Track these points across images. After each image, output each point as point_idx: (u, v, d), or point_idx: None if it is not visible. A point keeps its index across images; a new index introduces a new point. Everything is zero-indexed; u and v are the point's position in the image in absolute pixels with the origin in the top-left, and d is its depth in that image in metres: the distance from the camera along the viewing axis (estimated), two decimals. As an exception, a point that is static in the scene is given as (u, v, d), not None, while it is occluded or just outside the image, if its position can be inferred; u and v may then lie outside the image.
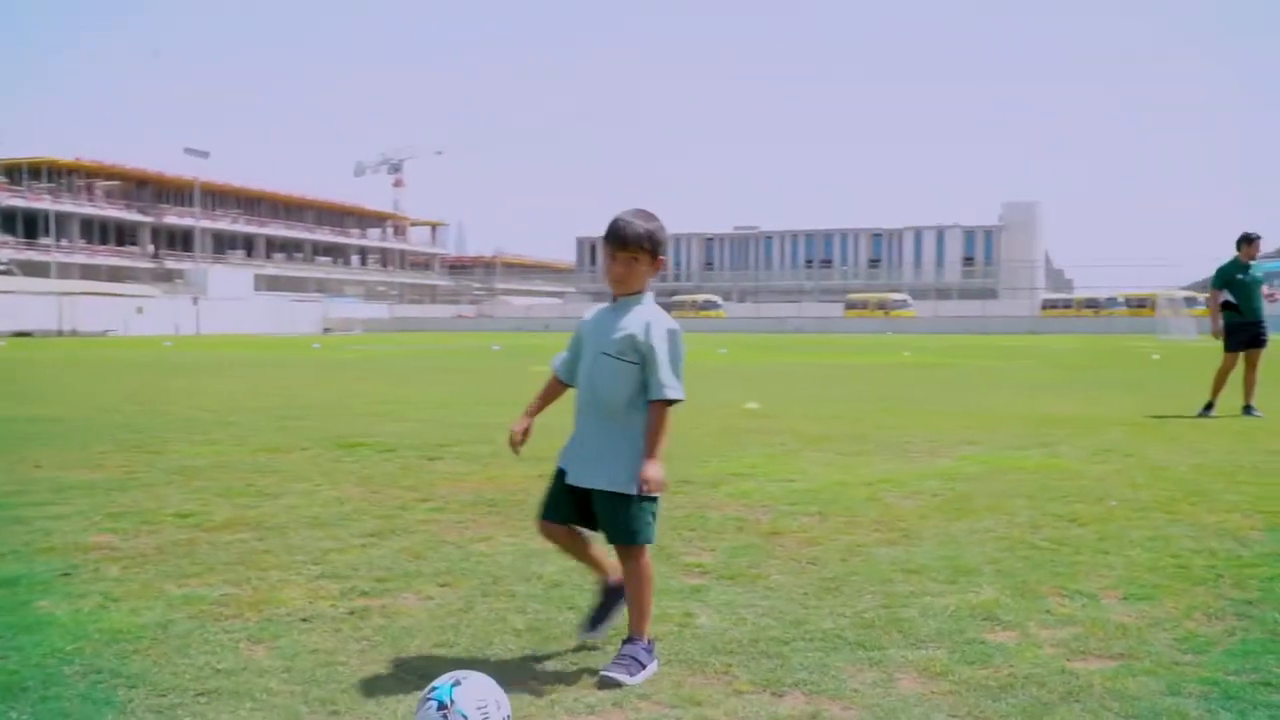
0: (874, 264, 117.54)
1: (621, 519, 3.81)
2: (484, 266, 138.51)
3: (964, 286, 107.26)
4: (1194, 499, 7.00)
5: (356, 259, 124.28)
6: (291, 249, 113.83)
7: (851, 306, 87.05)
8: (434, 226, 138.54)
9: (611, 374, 3.81)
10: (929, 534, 5.99)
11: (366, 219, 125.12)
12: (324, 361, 29.03)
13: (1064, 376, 20.94)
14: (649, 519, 3.84)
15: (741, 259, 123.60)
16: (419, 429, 11.25)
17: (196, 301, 77.53)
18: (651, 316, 3.85)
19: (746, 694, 3.55)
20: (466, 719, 2.95)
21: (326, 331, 78.25)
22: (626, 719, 3.38)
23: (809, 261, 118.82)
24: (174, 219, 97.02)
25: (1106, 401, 14.70)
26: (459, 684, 3.03)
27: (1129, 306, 76.38)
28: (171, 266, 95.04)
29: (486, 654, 3.96)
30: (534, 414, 4.14)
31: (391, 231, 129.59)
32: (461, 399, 15.35)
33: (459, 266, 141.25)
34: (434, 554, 5.54)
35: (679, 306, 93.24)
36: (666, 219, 3.91)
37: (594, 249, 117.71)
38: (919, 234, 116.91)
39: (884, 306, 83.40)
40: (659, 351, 3.78)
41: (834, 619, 4.36)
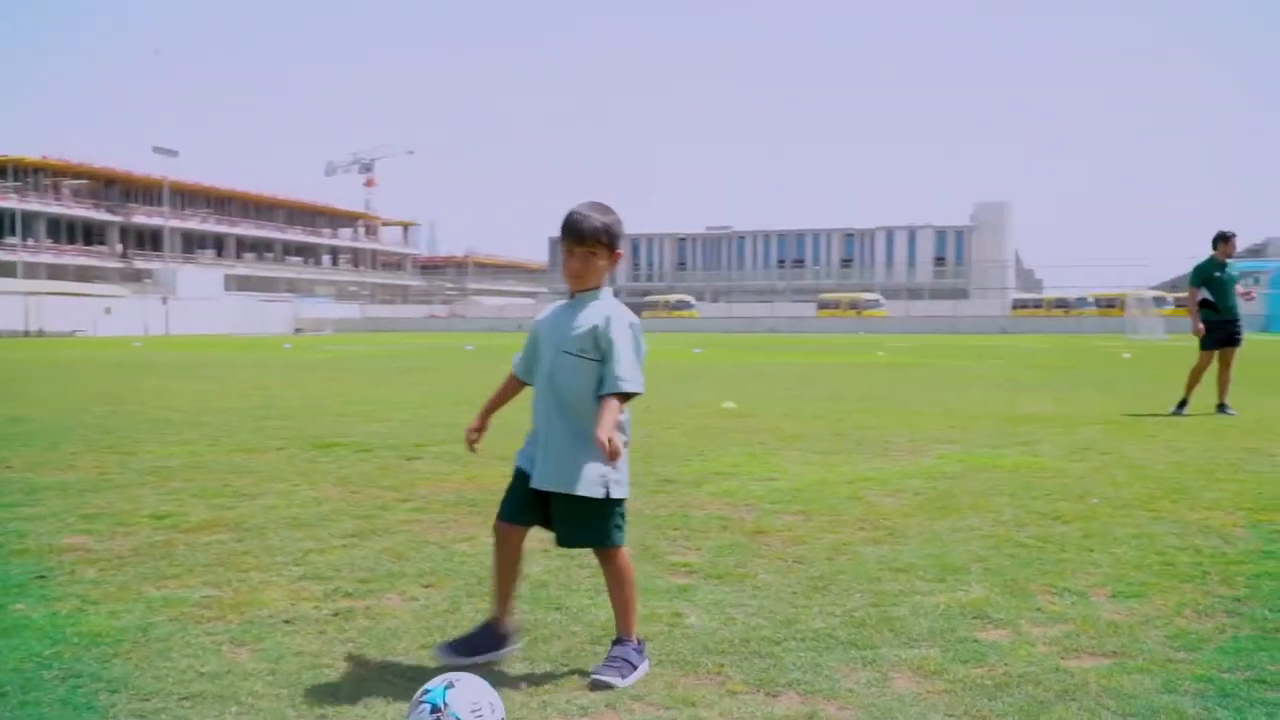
0: (846, 264, 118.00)
1: (594, 523, 3.73)
2: (456, 267, 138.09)
3: (935, 286, 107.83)
4: (1175, 496, 7.01)
5: (328, 259, 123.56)
6: (262, 249, 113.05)
7: (824, 306, 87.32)
8: (406, 226, 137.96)
9: (574, 372, 3.72)
10: (914, 532, 5.97)
11: (338, 219, 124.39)
12: (296, 362, 28.81)
13: (1037, 376, 21.02)
14: (620, 521, 3.77)
15: (714, 259, 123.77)
16: (396, 429, 11.16)
17: (166, 302, 76.93)
18: (611, 311, 3.76)
19: (740, 694, 3.51)
20: (460, 722, 2.90)
21: (298, 332, 77.76)
22: (620, 721, 3.34)
23: (781, 261, 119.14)
24: (143, 218, 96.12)
25: (1080, 400, 14.76)
26: (452, 686, 2.97)
27: (1098, 306, 76.97)
28: (140, 266, 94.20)
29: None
30: (490, 412, 4.09)
31: (363, 231, 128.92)
32: (437, 399, 15.25)
33: (431, 267, 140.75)
34: (417, 554, 5.47)
35: (652, 306, 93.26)
36: (639, 219, 3.89)
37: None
38: (891, 234, 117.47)
39: (856, 306, 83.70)
40: (619, 344, 3.68)
41: (824, 618, 4.32)
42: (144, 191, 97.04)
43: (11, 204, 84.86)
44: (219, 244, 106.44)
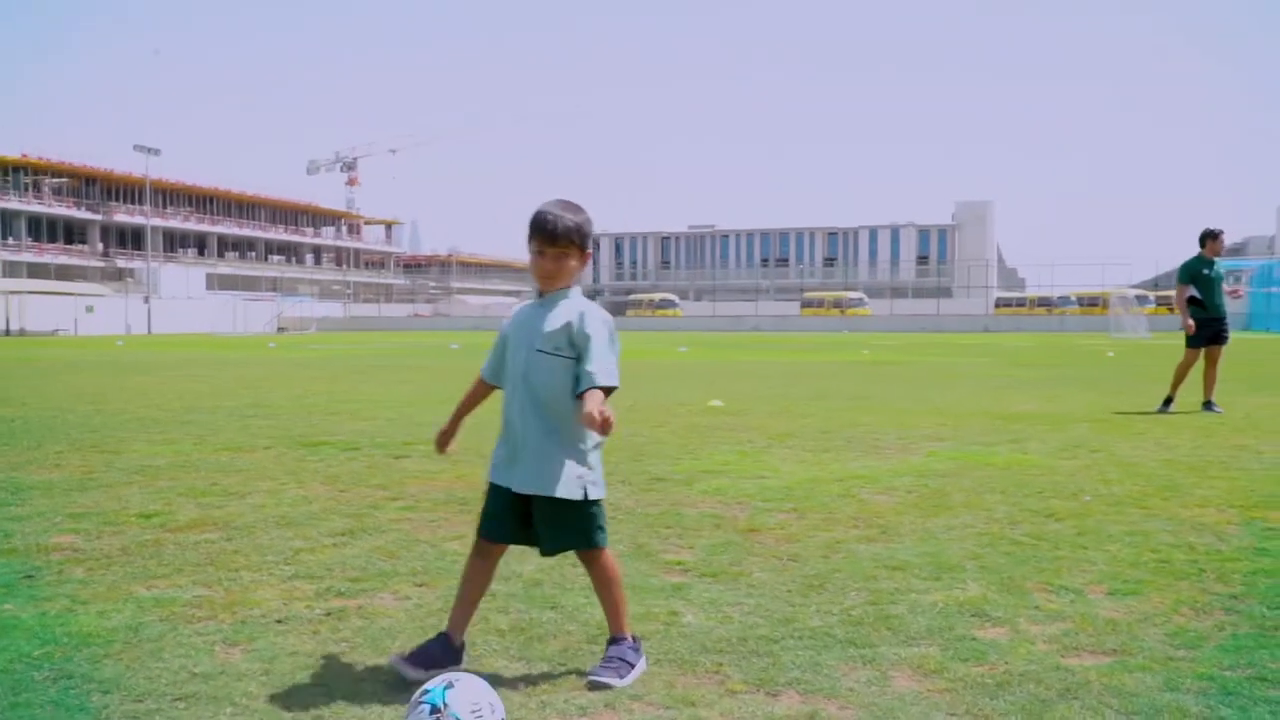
0: (829, 263, 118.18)
1: (574, 525, 3.67)
2: (440, 265, 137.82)
3: (918, 285, 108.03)
4: (1167, 494, 7.01)
5: (311, 258, 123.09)
6: (244, 248, 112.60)
7: (808, 305, 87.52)
8: (389, 225, 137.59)
9: (548, 371, 3.64)
10: (907, 530, 5.95)
11: (320, 217, 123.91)
12: (281, 361, 28.68)
13: (1023, 374, 21.06)
14: (600, 522, 3.71)
15: (697, 258, 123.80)
16: (383, 427, 11.10)
17: (148, 301, 76.58)
18: (584, 308, 3.70)
19: (740, 694, 3.48)
20: (460, 723, 2.86)
21: (281, 331, 77.47)
22: (620, 721, 3.31)
23: (765, 260, 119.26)
24: (124, 217, 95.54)
25: (1067, 398, 14.78)
26: (452, 686, 2.93)
27: (1081, 305, 77.34)
28: (122, 265, 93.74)
29: (471, 655, 3.85)
30: (461, 416, 4.05)
31: (346, 230, 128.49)
32: (424, 397, 15.18)
33: (414, 266, 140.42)
34: (408, 553, 5.43)
35: (635, 305, 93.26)
36: (622, 218, 3.86)
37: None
38: (874, 233, 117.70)
39: (840, 305, 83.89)
40: (595, 340, 3.62)
41: (821, 617, 4.29)
42: (125, 190, 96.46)
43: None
44: (201, 243, 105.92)
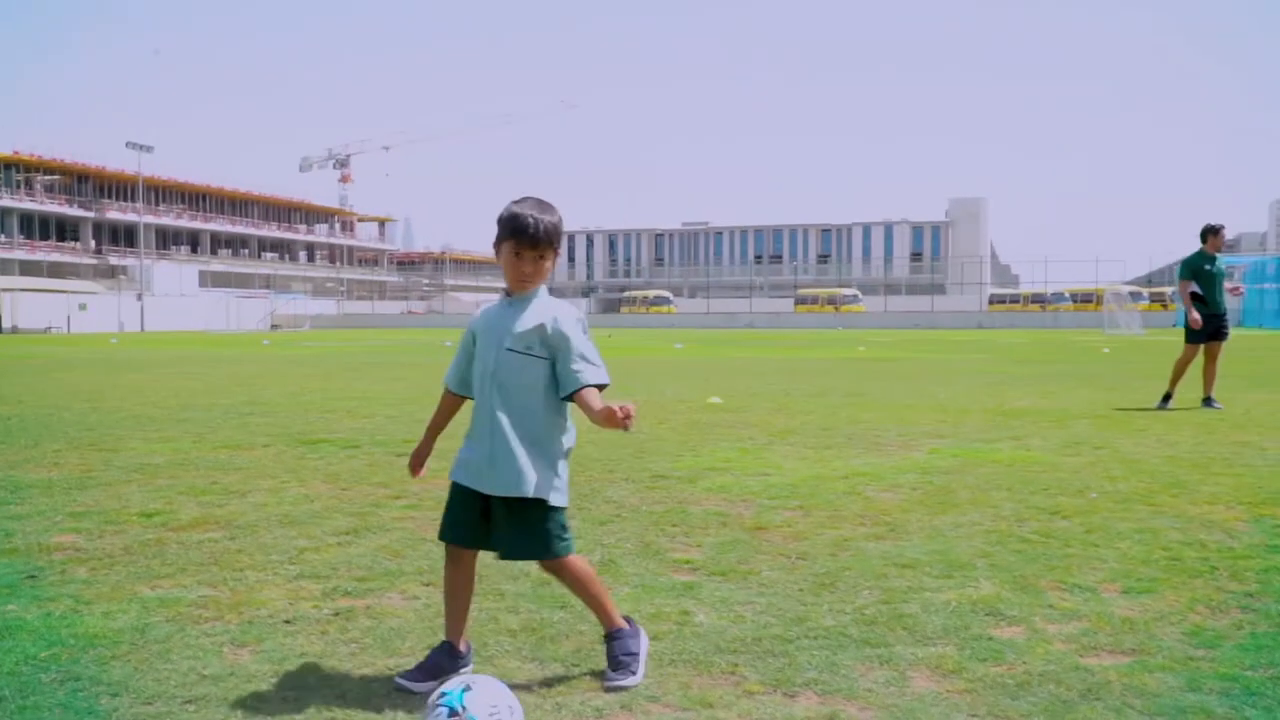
0: (823, 259, 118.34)
1: (535, 531, 3.55)
2: (433, 263, 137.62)
3: (912, 282, 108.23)
4: (1173, 491, 6.98)
5: (304, 255, 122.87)
6: (237, 245, 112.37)
7: (802, 302, 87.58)
8: (382, 222, 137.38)
9: (519, 370, 3.56)
10: (915, 528, 5.91)
11: (314, 215, 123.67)
12: (275, 358, 28.60)
13: (1019, 370, 21.04)
14: (562, 531, 3.60)
15: (691, 255, 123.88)
16: (382, 425, 11.04)
17: (141, 298, 76.43)
18: (557, 308, 3.63)
19: (758, 695, 3.44)
20: (478, 725, 2.82)
21: (274, 328, 77.37)
22: (637, 722, 3.27)
23: (759, 257, 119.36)
24: (117, 214, 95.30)
25: (1065, 394, 14.76)
26: (469, 688, 2.89)
27: (1075, 301, 77.43)
28: (115, 262, 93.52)
29: (482, 656, 3.81)
30: (437, 433, 3.96)
31: (339, 227, 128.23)
32: (421, 394, 15.11)
33: (408, 263, 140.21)
34: (413, 552, 5.38)
35: (629, 302, 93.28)
36: (616, 215, 3.77)
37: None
38: (868, 229, 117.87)
39: (834, 301, 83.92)
40: (574, 340, 3.56)
41: (835, 616, 4.25)
42: (118, 187, 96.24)
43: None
44: (194, 240, 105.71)
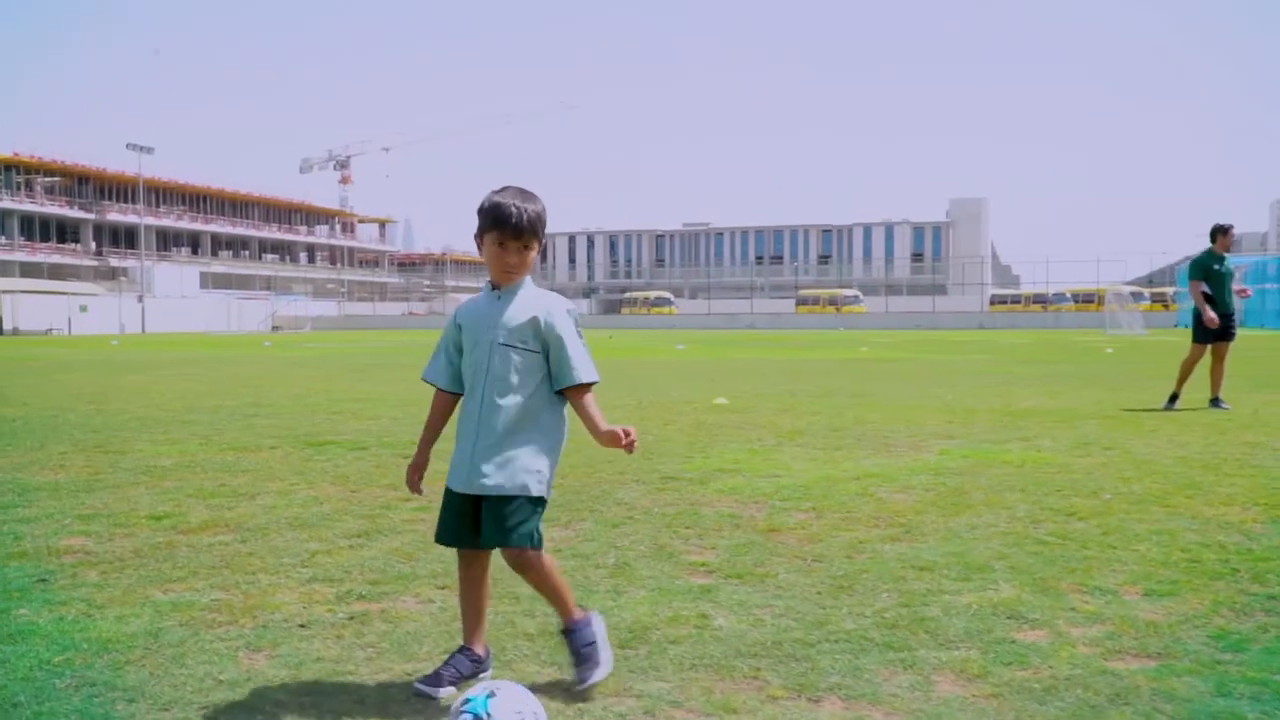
0: (824, 260, 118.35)
1: (517, 520, 3.48)
2: (434, 264, 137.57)
3: (913, 282, 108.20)
4: (1188, 492, 6.94)
5: (304, 256, 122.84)
6: (238, 246, 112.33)
7: (803, 302, 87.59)
8: (382, 224, 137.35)
9: (515, 364, 3.52)
10: (930, 529, 5.87)
11: (314, 216, 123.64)
12: (277, 359, 28.57)
13: (1023, 370, 21.00)
14: (539, 523, 3.56)
15: (692, 255, 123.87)
16: (388, 426, 11.00)
17: (142, 299, 76.39)
18: (548, 301, 3.59)
19: (781, 700, 3.39)
20: (503, 732, 2.78)
21: (275, 329, 77.35)
22: (660, 728, 3.22)
23: (759, 258, 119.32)
24: (117, 216, 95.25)
25: (1072, 394, 14.71)
26: (494, 695, 2.85)
27: (1076, 302, 77.40)
28: (115, 264, 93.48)
29: (501, 661, 3.77)
30: (431, 444, 3.81)
31: (340, 229, 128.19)
32: (426, 395, 14.90)
33: (408, 264, 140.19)
34: (426, 555, 5.34)
35: (630, 303, 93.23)
36: (617, 216, 3.71)
37: (544, 247, 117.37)
38: (868, 230, 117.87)
39: (835, 302, 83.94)
40: (567, 336, 3.53)
41: (855, 619, 4.21)
42: (119, 189, 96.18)
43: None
44: (195, 242, 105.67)
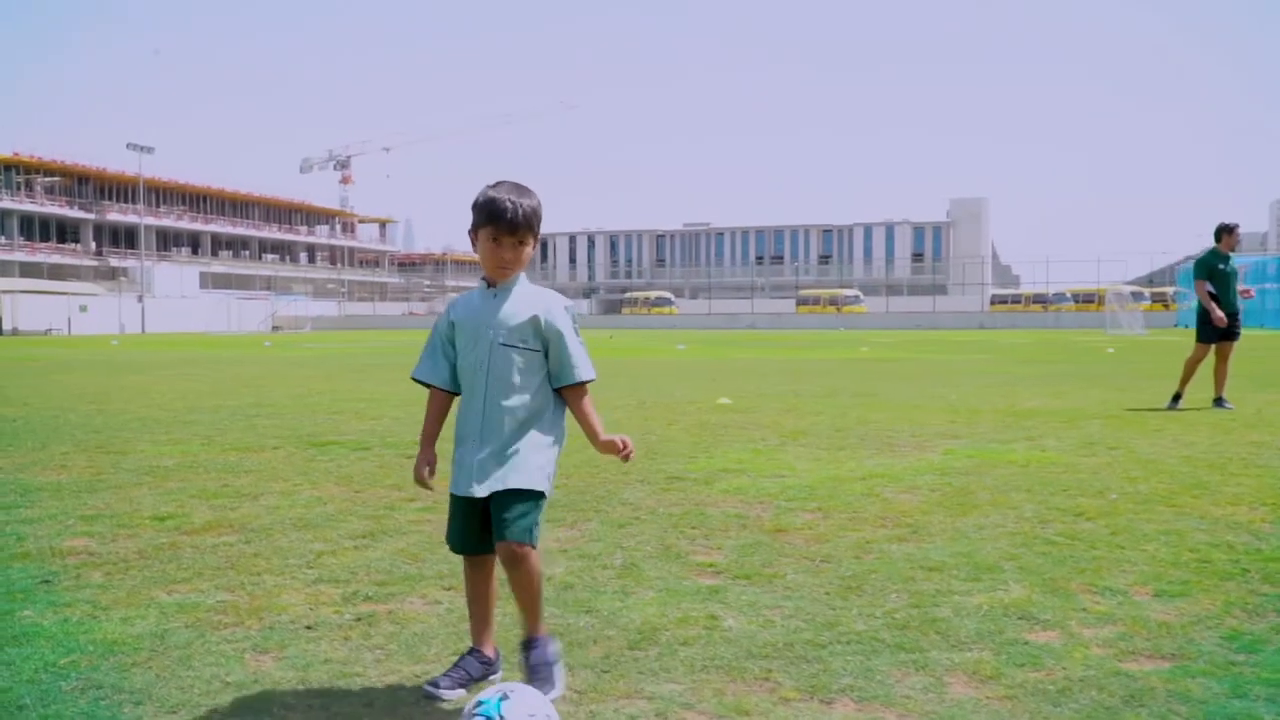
0: (825, 260, 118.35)
1: (520, 516, 3.43)
2: (434, 264, 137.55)
3: (914, 282, 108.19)
4: (1195, 491, 6.91)
5: (305, 256, 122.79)
6: (238, 246, 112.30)
7: (803, 302, 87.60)
8: (383, 224, 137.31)
9: (516, 364, 3.47)
10: (937, 530, 5.84)
11: (314, 216, 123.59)
12: (278, 359, 28.54)
13: (1025, 370, 20.97)
14: (541, 519, 3.52)
15: (692, 255, 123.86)
16: (391, 426, 10.98)
17: (142, 299, 76.36)
18: (547, 299, 3.54)
19: (794, 701, 3.37)
20: (517, 736, 2.75)
21: (276, 330, 77.32)
22: (672, 730, 3.20)
23: (760, 258, 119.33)
24: (117, 216, 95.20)
25: (1075, 394, 14.68)
26: (506, 697, 2.82)
27: (1076, 302, 77.39)
28: (115, 264, 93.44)
29: (510, 662, 3.73)
30: (434, 440, 3.71)
31: (340, 229, 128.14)
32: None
33: (409, 264, 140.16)
34: (432, 555, 5.31)
35: (631, 303, 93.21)
36: (617, 216, 3.65)
37: (544, 247, 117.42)
38: (869, 230, 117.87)
39: (836, 302, 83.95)
40: (567, 334, 3.50)
41: (865, 620, 4.18)
42: (119, 189, 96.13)
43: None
44: (195, 242, 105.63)
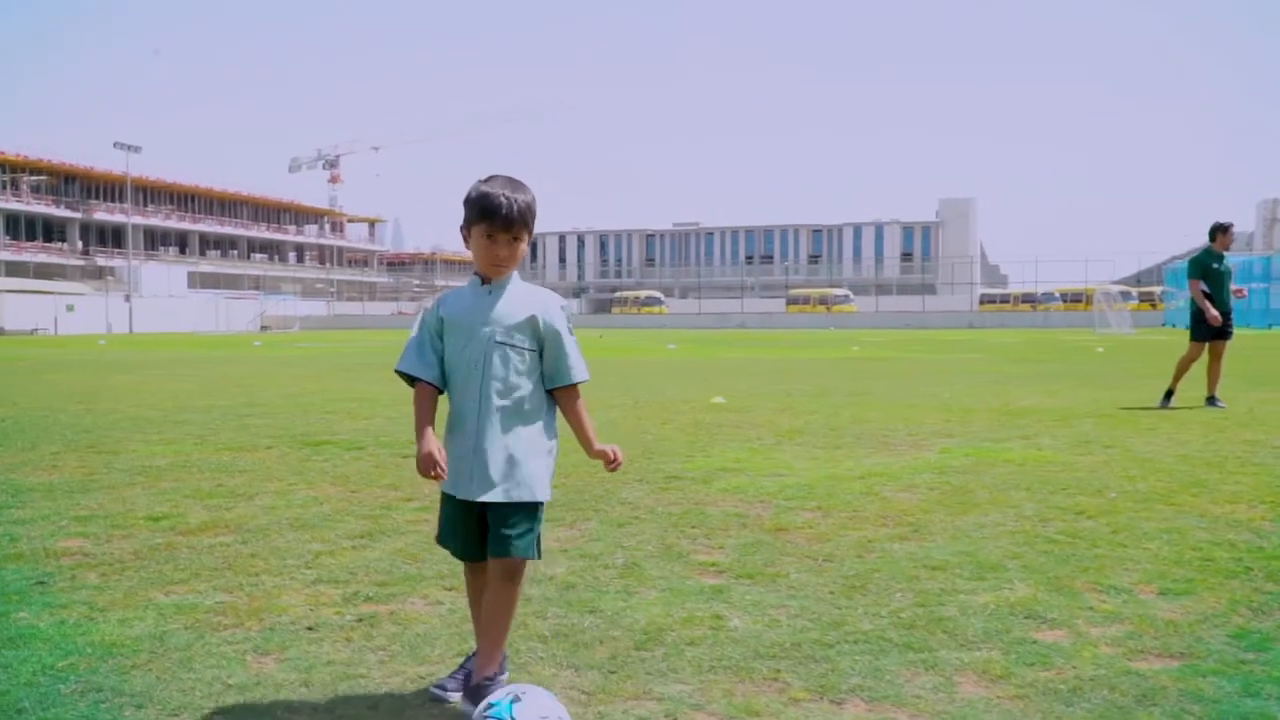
0: (814, 260, 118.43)
1: (523, 527, 3.35)
2: (423, 263, 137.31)
3: (903, 282, 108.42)
4: (1193, 490, 6.90)
5: (293, 256, 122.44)
6: (226, 246, 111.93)
7: (793, 302, 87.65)
8: (372, 223, 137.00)
9: (512, 363, 3.38)
10: (938, 528, 5.82)
11: (303, 215, 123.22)
12: (267, 359, 28.44)
13: (1016, 369, 20.99)
14: (541, 529, 3.44)
15: (682, 255, 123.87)
16: (385, 426, 10.93)
17: (129, 299, 76.06)
18: (544, 297, 3.49)
19: (804, 702, 3.34)
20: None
21: (264, 329, 77.07)
22: (682, 732, 3.16)
23: (750, 258, 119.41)
24: (104, 215, 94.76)
25: (1068, 393, 14.69)
26: (518, 700, 2.78)
27: (1065, 301, 77.60)
28: (102, 264, 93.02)
29: (516, 664, 3.70)
30: (431, 431, 3.45)
31: (329, 228, 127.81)
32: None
33: (398, 264, 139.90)
34: (431, 556, 5.25)
35: (620, 303, 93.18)
36: (607, 215, 3.58)
37: (534, 246, 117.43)
38: (858, 230, 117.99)
39: (826, 302, 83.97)
40: (564, 333, 3.45)
41: (872, 619, 4.15)
42: (106, 188, 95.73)
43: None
44: (182, 241, 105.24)
